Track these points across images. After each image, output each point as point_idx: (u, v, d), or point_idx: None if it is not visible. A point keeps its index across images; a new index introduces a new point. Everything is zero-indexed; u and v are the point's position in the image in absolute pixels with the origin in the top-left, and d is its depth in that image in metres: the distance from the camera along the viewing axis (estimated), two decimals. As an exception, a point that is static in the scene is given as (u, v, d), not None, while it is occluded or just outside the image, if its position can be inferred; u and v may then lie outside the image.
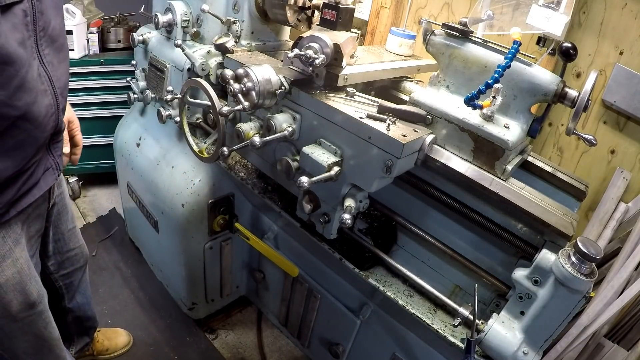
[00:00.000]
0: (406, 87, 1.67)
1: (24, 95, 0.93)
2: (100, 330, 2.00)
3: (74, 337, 1.83)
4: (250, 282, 2.16)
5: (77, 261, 1.60)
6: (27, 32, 0.92)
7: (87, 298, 1.75)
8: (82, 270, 1.67)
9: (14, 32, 0.88)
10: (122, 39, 2.79)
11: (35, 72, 0.96)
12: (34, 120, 0.98)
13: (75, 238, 1.55)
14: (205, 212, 1.81)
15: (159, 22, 1.66)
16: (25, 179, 1.06)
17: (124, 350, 2.05)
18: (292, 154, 1.32)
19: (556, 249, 1.05)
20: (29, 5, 0.91)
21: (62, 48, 1.07)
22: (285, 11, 1.51)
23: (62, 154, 1.21)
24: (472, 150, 1.22)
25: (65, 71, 1.10)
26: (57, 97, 1.05)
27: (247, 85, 1.20)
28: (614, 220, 1.87)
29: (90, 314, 1.80)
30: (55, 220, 1.41)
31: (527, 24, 1.29)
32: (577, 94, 1.14)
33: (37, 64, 0.97)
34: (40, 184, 1.12)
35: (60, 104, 1.07)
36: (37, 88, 0.97)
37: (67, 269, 1.57)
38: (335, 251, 1.43)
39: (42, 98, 0.99)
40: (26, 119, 0.95)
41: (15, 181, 1.03)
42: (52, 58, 1.02)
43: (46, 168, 1.13)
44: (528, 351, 1.05)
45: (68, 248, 1.52)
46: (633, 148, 1.87)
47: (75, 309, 1.70)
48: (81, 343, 1.87)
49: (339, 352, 1.71)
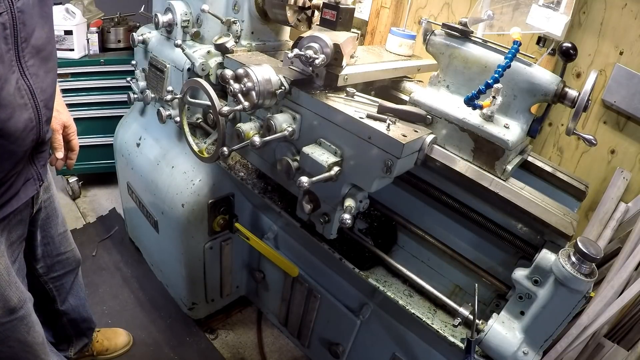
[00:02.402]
0: (406, 87, 1.67)
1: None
2: (99, 330, 2.00)
3: (72, 339, 1.83)
4: (250, 282, 2.16)
5: (69, 264, 1.59)
6: (5, 45, 0.89)
7: (80, 300, 1.74)
8: (74, 273, 1.66)
9: None
10: (122, 39, 2.79)
11: (12, 86, 0.93)
12: (10, 135, 0.95)
13: (66, 242, 1.54)
14: (205, 212, 1.81)
15: (159, 22, 1.66)
16: (4, 191, 1.04)
17: (123, 351, 2.05)
18: (292, 154, 1.32)
19: (556, 249, 1.05)
20: (9, 17, 0.88)
21: (49, 58, 1.04)
22: (285, 11, 1.51)
23: (46, 163, 1.20)
24: (472, 150, 1.22)
25: (52, 82, 1.07)
26: (40, 110, 1.02)
27: (247, 85, 1.20)
28: (614, 220, 1.87)
29: (85, 315, 1.80)
30: (44, 224, 1.40)
31: (527, 24, 1.29)
32: (577, 94, 1.14)
33: (16, 77, 0.94)
34: (20, 194, 1.10)
35: (43, 116, 1.04)
36: (15, 103, 0.94)
37: (58, 271, 1.56)
38: (335, 251, 1.43)
39: (20, 113, 0.96)
40: (2, 135, 0.93)
41: None
42: (36, 69, 0.99)
43: (27, 179, 1.11)
44: (528, 351, 1.05)
45: (59, 252, 1.52)
46: (633, 148, 1.87)
47: (69, 311, 1.70)
48: (80, 344, 1.87)
49: (339, 352, 1.71)
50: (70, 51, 2.56)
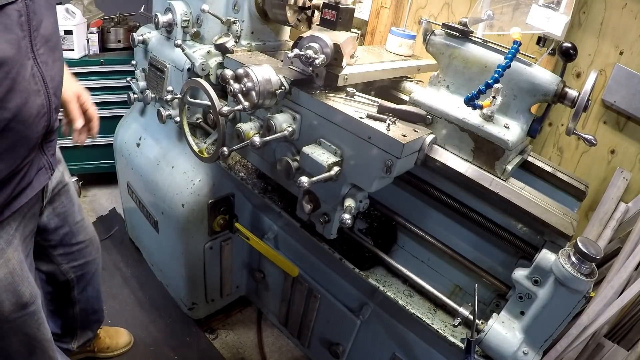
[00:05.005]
0: (406, 87, 1.67)
1: (15, 96, 0.92)
2: (103, 328, 2.00)
3: (77, 331, 1.83)
4: (250, 282, 2.16)
5: (89, 254, 1.60)
6: (21, 32, 0.92)
7: (97, 292, 1.76)
8: (96, 263, 1.67)
9: (6, 33, 0.88)
10: (122, 39, 2.79)
11: (28, 72, 0.95)
12: (25, 121, 0.97)
13: (84, 231, 1.55)
14: (205, 212, 1.81)
15: (159, 22, 1.66)
16: (19, 180, 1.06)
17: (124, 350, 2.05)
18: (292, 154, 1.32)
19: (556, 249, 1.05)
20: (23, 5, 0.91)
21: (55, 47, 1.07)
22: (285, 11, 1.51)
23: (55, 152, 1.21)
24: (472, 150, 1.22)
25: (59, 70, 1.10)
26: (50, 97, 1.04)
27: (247, 85, 1.20)
28: (614, 220, 1.87)
29: (97, 307, 1.81)
30: (61, 213, 1.41)
31: (527, 24, 1.29)
32: (577, 94, 1.14)
33: (30, 63, 0.96)
34: (34, 184, 1.12)
35: (52, 103, 1.06)
36: (30, 89, 0.97)
37: (78, 260, 1.57)
38: (335, 251, 1.43)
39: (34, 98, 0.98)
40: (18, 120, 0.95)
41: (8, 182, 1.03)
42: (46, 58, 1.02)
43: (39, 168, 1.13)
44: (528, 351, 1.05)
45: (77, 240, 1.52)
46: (633, 148, 1.87)
47: (84, 300, 1.71)
48: (84, 338, 1.87)
49: (339, 352, 1.71)
50: (70, 51, 2.56)
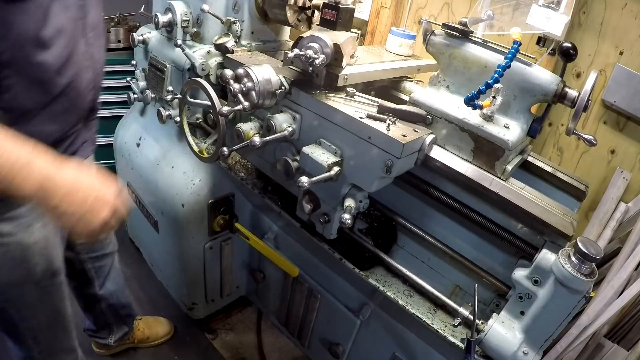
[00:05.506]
0: (406, 87, 1.67)
1: (71, 66, 1.04)
2: (141, 318, 2.02)
3: (113, 326, 1.85)
4: (250, 282, 2.16)
5: (107, 246, 1.65)
6: (80, 13, 1.04)
7: (119, 285, 1.78)
8: (112, 257, 1.70)
9: (66, 12, 0.99)
10: (122, 39, 2.79)
11: (81, 49, 1.07)
12: (77, 90, 1.09)
13: None
14: (205, 212, 1.81)
15: (159, 22, 1.66)
16: (67, 146, 1.16)
17: (165, 339, 2.07)
18: (292, 154, 1.32)
19: (556, 249, 1.05)
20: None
21: (101, 35, 1.19)
22: (285, 11, 1.51)
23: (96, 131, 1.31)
24: (472, 150, 1.22)
25: (103, 56, 1.22)
26: (97, 76, 1.17)
27: (247, 85, 1.20)
28: (614, 220, 1.87)
29: (124, 301, 1.83)
30: None
31: (527, 24, 1.29)
32: (577, 94, 1.14)
33: (83, 42, 1.08)
34: (80, 152, 1.22)
35: (98, 82, 1.19)
36: (82, 63, 1.08)
37: (97, 252, 1.61)
38: (335, 251, 1.43)
39: (85, 73, 1.10)
40: (71, 87, 1.06)
41: (59, 144, 1.13)
42: (94, 41, 1.13)
43: (84, 140, 1.23)
44: (528, 351, 1.05)
45: None
46: (633, 148, 1.87)
47: (107, 296, 1.73)
48: (120, 332, 1.89)
49: (339, 352, 1.71)
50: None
